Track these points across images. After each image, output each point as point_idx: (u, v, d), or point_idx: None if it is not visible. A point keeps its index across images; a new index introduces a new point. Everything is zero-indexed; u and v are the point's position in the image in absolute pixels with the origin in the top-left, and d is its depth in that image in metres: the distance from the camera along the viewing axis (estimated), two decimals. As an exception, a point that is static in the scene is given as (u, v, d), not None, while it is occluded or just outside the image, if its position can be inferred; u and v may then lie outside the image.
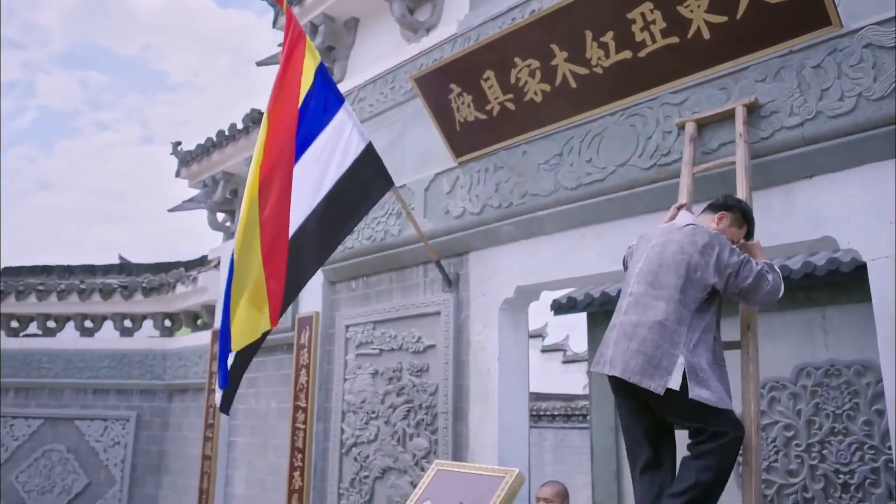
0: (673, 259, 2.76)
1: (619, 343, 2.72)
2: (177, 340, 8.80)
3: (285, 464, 6.12)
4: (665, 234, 2.90)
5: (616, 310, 2.92)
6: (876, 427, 5.45)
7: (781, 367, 5.99)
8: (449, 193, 4.93)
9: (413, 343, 5.10)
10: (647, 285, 2.78)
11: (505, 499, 3.90)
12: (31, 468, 8.90)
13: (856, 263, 5.62)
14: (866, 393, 5.55)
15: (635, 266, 2.92)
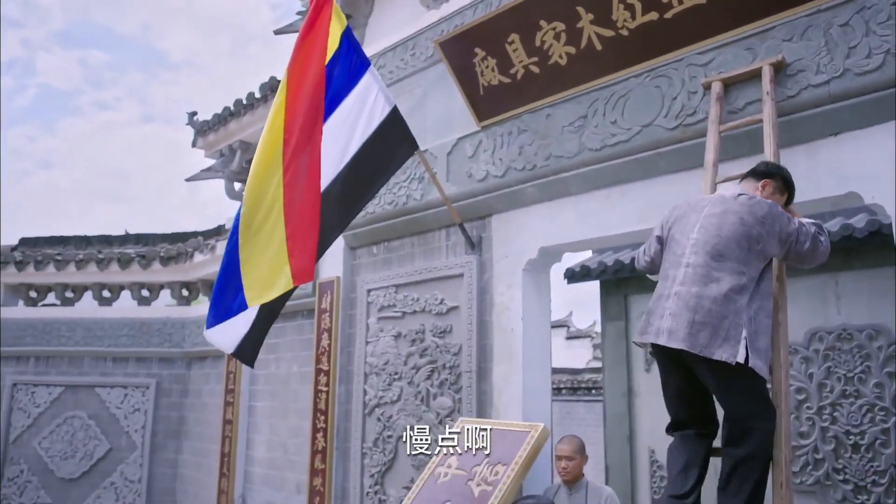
0: (733, 230, 2.76)
1: (681, 314, 2.70)
2: (195, 309, 8.93)
3: (308, 426, 6.27)
4: (720, 203, 2.89)
5: (663, 277, 2.91)
6: (887, 389, 5.55)
7: (794, 332, 6.04)
8: (472, 157, 5.00)
9: (436, 305, 5.20)
10: (706, 256, 2.76)
11: (531, 452, 4.02)
12: (53, 434, 9.09)
13: (870, 229, 5.69)
14: (878, 356, 5.63)
15: (688, 235, 2.88)
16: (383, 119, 4.45)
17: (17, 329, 9.34)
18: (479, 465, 4.06)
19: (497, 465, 3.97)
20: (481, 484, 3.94)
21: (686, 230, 2.91)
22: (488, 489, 3.88)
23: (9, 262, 9.41)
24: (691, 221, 2.91)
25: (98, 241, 9.58)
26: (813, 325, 6.02)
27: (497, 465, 3.98)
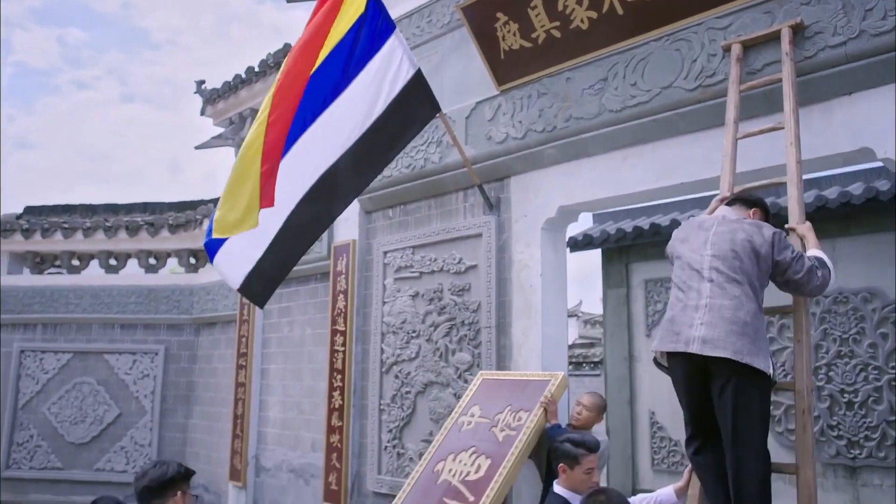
0: (743, 248, 2.93)
1: (717, 325, 2.82)
2: (203, 276, 9.04)
3: (324, 386, 6.44)
4: (727, 223, 3.06)
5: (684, 288, 3.04)
6: (880, 349, 5.80)
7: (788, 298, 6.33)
8: (491, 120, 5.15)
9: (454, 264, 5.37)
10: (728, 270, 2.92)
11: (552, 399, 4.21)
12: (62, 400, 9.22)
13: (867, 196, 5.92)
14: (872, 318, 5.88)
15: (701, 252, 3.03)
16: (407, 81, 4.58)
17: (23, 297, 9.42)
18: (501, 413, 4.24)
19: (519, 411, 4.15)
20: (504, 430, 4.11)
21: (698, 246, 3.07)
22: (512, 433, 4.06)
23: (15, 230, 9.46)
24: (701, 238, 3.08)
25: (104, 209, 9.65)
26: (811, 292, 6.26)
27: (519, 412, 4.16)
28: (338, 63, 4.52)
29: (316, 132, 4.50)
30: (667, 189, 4.30)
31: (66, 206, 9.77)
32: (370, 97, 4.51)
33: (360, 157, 4.52)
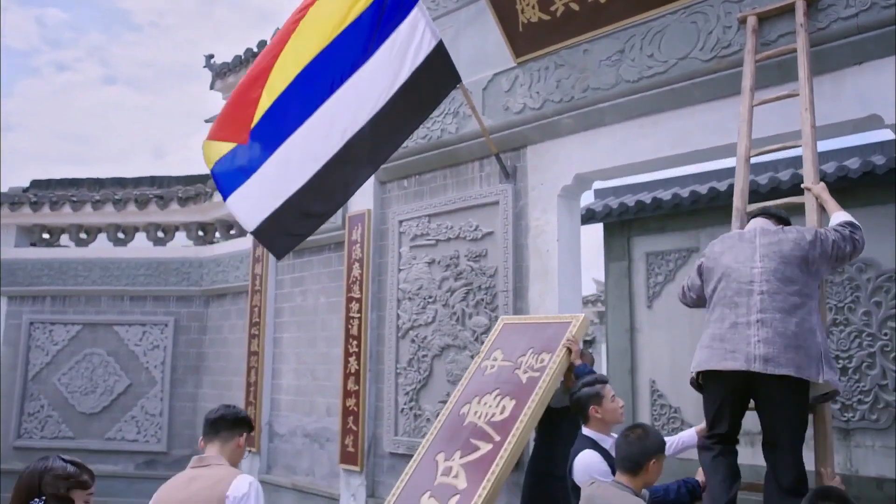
0: (793, 256, 2.98)
1: (775, 341, 2.85)
2: (213, 247, 9.18)
3: (338, 352, 6.63)
4: (770, 234, 3.12)
5: (730, 305, 3.06)
6: (874, 317, 6.06)
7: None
8: (508, 91, 5.31)
9: (471, 231, 5.56)
10: (778, 283, 2.95)
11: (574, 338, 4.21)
12: (72, 370, 9.35)
13: (864, 170, 6.15)
14: (867, 287, 6.13)
15: (749, 265, 3.05)
16: (429, 52, 4.73)
17: (32, 269, 9.52)
18: (524, 356, 4.34)
19: (542, 353, 4.23)
20: (528, 371, 4.19)
21: (744, 259, 3.08)
22: (535, 375, 4.14)
23: (23, 203, 9.52)
24: (746, 251, 3.10)
25: (111, 182, 9.73)
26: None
27: (542, 354, 4.25)
28: (362, 30, 4.65)
29: (344, 95, 4.64)
30: (682, 156, 4.49)
31: (72, 180, 9.83)
32: (395, 66, 4.66)
33: (385, 125, 4.67)
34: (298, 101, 4.63)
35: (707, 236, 7.48)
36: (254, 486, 2.65)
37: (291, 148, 4.65)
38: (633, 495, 2.74)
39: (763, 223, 3.23)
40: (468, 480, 3.81)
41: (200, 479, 2.69)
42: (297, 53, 4.63)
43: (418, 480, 4.09)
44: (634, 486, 2.77)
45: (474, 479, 3.79)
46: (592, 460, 3.16)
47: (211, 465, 2.74)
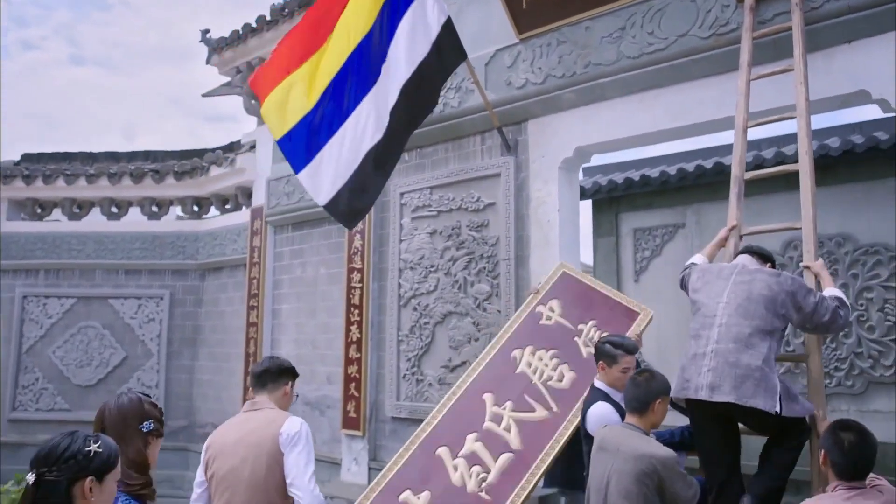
0: (761, 294, 3.09)
1: (722, 370, 2.99)
2: (210, 221, 9.26)
3: (338, 322, 6.81)
4: (746, 273, 3.25)
5: (695, 337, 3.22)
6: (850, 288, 6.36)
7: (772, 242, 6.83)
8: (511, 67, 5.49)
9: (472, 203, 5.75)
10: (738, 316, 3.08)
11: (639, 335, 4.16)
12: (67, 343, 9.40)
13: (844, 148, 6.44)
14: (844, 260, 6.43)
15: (716, 300, 3.20)
16: (440, 28, 4.88)
17: (24, 243, 9.52)
18: (584, 325, 4.26)
19: (603, 331, 4.16)
20: (589, 346, 4.10)
21: (714, 295, 3.24)
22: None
23: (15, 176, 9.51)
24: (718, 288, 3.24)
25: (104, 157, 9.73)
26: (788, 235, 6.80)
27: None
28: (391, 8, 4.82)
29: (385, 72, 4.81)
30: (680, 129, 4.72)
31: (64, 154, 9.82)
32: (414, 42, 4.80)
33: (410, 101, 4.80)
34: (354, 82, 4.83)
35: (693, 212, 7.76)
36: (304, 426, 2.94)
37: (348, 128, 4.82)
38: (642, 434, 2.99)
39: (746, 260, 3.37)
40: (523, 443, 3.77)
41: (254, 420, 2.96)
42: (349, 34, 4.81)
43: (464, 414, 3.98)
44: (643, 425, 3.02)
45: (531, 446, 3.74)
46: (605, 411, 3.38)
47: (263, 409, 3.02)
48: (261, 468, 2.87)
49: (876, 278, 6.30)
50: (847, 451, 2.45)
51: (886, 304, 6.17)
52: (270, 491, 2.87)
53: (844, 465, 2.45)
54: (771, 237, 6.70)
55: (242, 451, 2.91)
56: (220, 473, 2.96)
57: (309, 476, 2.85)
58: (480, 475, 3.71)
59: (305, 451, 2.89)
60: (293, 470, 2.84)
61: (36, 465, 1.70)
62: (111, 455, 1.80)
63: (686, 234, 7.81)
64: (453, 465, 3.77)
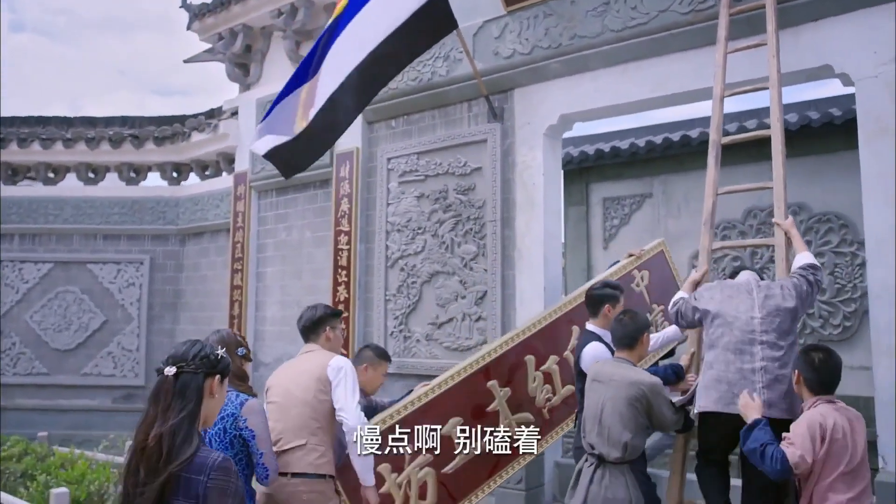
0: (787, 312, 3.32)
1: (773, 388, 3.19)
2: (191, 187, 9.34)
3: (325, 283, 7.06)
4: (764, 288, 3.45)
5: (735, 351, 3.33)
6: (806, 254, 6.88)
7: (734, 211, 7.34)
8: (498, 38, 5.76)
9: (459, 167, 6.04)
10: (775, 333, 3.28)
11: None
12: (44, 308, 9.43)
13: (801, 123, 6.91)
14: (800, 228, 6.94)
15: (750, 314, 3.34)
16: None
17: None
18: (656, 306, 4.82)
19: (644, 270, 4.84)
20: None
21: (745, 310, 3.37)
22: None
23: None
24: (747, 303, 3.39)
25: (80, 121, 9.69)
26: (749, 204, 7.29)
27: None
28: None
29: (349, 34, 5.00)
30: (660, 99, 5.07)
31: (38, 118, 9.73)
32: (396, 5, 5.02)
33: (380, 62, 5.04)
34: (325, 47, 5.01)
35: (660, 183, 8.21)
36: (348, 363, 3.42)
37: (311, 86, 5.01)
38: (632, 365, 3.37)
39: (752, 276, 3.57)
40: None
41: (308, 361, 3.46)
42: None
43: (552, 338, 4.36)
44: (632, 358, 3.43)
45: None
46: (599, 350, 3.74)
47: (315, 352, 3.51)
48: (310, 391, 3.31)
49: (828, 244, 6.84)
50: (817, 367, 2.87)
51: (836, 269, 6.71)
52: (318, 411, 3.30)
53: (816, 379, 2.87)
54: (734, 206, 7.19)
55: (296, 379, 3.37)
56: (277, 399, 3.39)
57: (355, 403, 3.28)
58: (548, 395, 4.27)
59: (350, 382, 3.31)
60: (341, 398, 3.27)
61: (174, 361, 2.03)
62: (229, 363, 2.17)
63: (653, 203, 8.27)
64: (533, 376, 4.26)
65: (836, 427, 2.74)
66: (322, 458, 3.28)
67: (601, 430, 3.29)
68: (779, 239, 3.83)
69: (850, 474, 2.70)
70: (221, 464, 1.96)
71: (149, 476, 1.91)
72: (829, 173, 6.82)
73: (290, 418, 3.30)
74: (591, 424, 3.35)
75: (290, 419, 3.30)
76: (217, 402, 2.10)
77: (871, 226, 4.13)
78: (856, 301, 6.54)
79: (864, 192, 4.19)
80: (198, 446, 1.96)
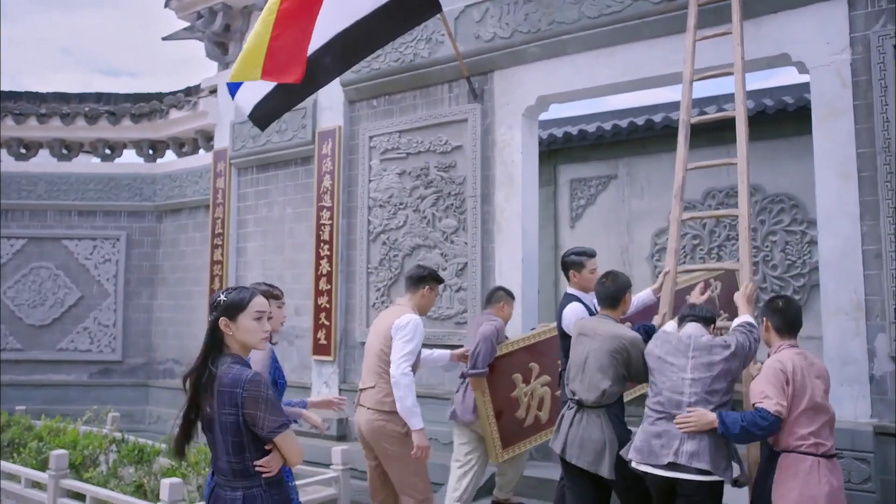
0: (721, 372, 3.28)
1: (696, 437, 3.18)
2: (168, 164, 9.42)
3: (308, 257, 7.29)
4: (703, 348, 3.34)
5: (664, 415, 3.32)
6: (759, 232, 7.36)
7: (694, 192, 7.78)
8: (479, 22, 6.06)
9: (441, 145, 6.33)
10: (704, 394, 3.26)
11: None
12: (18, 284, 9.43)
13: (757, 109, 7.37)
14: (754, 208, 7.42)
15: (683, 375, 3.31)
16: None
17: (-32, 183, 9.40)
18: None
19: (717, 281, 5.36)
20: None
21: (677, 369, 3.33)
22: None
23: (-42, 116, 9.33)
24: (681, 361, 3.34)
25: (54, 97, 9.65)
26: (709, 185, 7.75)
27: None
28: None
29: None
30: (632, 82, 5.43)
31: (10, 93, 9.66)
32: None
33: (363, 33, 5.20)
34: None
35: (625, 165, 8.63)
36: (414, 321, 4.02)
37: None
38: (614, 322, 3.74)
39: (695, 330, 3.46)
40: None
41: (387, 315, 4.19)
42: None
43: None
44: (615, 315, 3.79)
45: None
46: (577, 309, 4.09)
47: (397, 306, 4.24)
48: (379, 344, 4.06)
49: (780, 224, 7.33)
50: (782, 309, 3.29)
51: (787, 246, 7.21)
52: (383, 360, 4.01)
53: (781, 320, 3.28)
54: (694, 187, 7.63)
55: (375, 329, 4.20)
56: (366, 346, 4.26)
57: (400, 357, 3.90)
58: None
59: (405, 339, 3.93)
60: (392, 351, 3.94)
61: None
62: (234, 302, 2.46)
63: (618, 184, 8.68)
64: None
65: (796, 369, 3.11)
66: (387, 398, 3.97)
67: (583, 378, 3.64)
68: (742, 209, 4.22)
69: (812, 410, 3.08)
70: (252, 378, 2.36)
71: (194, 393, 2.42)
72: (782, 157, 7.30)
73: (367, 364, 4.16)
74: (575, 373, 3.71)
75: (366, 365, 4.16)
76: (238, 334, 2.45)
77: (822, 198, 4.56)
78: (804, 276, 7.03)
79: (817, 168, 4.62)
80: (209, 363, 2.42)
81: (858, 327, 4.36)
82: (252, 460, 2.39)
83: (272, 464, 2.41)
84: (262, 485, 2.41)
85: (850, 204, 4.45)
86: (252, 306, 2.45)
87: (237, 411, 2.34)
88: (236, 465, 2.39)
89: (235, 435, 2.36)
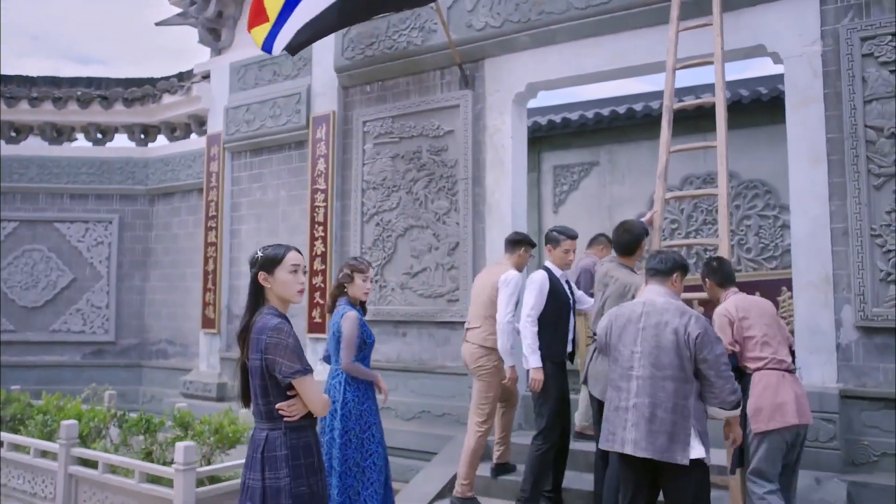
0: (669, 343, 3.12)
1: (640, 425, 3.08)
2: (161, 148, 9.54)
3: (302, 239, 7.49)
4: (655, 314, 3.21)
5: (615, 388, 3.26)
6: (734, 216, 7.71)
7: (673, 177, 8.10)
8: (471, 11, 6.30)
9: (433, 130, 6.58)
10: (653, 367, 3.12)
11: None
12: (10, 266, 9.53)
13: (734, 100, 7.70)
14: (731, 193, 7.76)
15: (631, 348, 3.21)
16: None
17: (-41, 166, 9.45)
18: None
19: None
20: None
21: (628, 342, 3.23)
22: None
23: (-51, 98, 9.37)
24: (630, 334, 3.23)
25: (44, 81, 9.70)
26: (687, 171, 8.08)
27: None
28: None
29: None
30: (617, 71, 5.72)
31: (1, 77, 9.67)
32: None
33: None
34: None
35: (606, 152, 8.94)
36: (516, 277, 4.75)
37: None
38: (630, 270, 4.20)
39: (652, 292, 3.33)
40: None
41: (493, 272, 4.96)
42: None
43: None
44: (630, 263, 4.28)
45: None
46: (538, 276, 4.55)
47: (501, 265, 4.98)
48: (486, 293, 4.86)
49: (753, 209, 7.69)
50: (717, 268, 3.99)
51: (761, 230, 7.57)
52: (487, 306, 4.82)
53: (721, 277, 3.95)
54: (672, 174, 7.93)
55: (482, 281, 5.01)
56: (472, 293, 5.09)
57: (505, 308, 4.65)
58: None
59: (508, 293, 4.66)
60: (499, 303, 4.69)
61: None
62: (270, 257, 2.68)
63: (600, 171, 8.99)
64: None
65: (739, 309, 3.80)
66: (490, 336, 4.80)
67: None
68: (721, 189, 4.53)
69: (765, 338, 3.77)
70: (277, 325, 2.55)
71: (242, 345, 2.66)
72: (756, 145, 7.65)
73: (473, 310, 4.98)
74: (597, 316, 4.19)
75: (472, 310, 4.98)
76: (276, 287, 2.66)
77: (795, 180, 4.89)
78: (777, 258, 7.39)
79: (790, 152, 4.94)
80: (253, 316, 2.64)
81: (826, 300, 4.70)
82: (275, 404, 2.57)
83: (293, 409, 2.57)
84: (283, 428, 2.58)
85: (819, 185, 4.78)
86: (287, 259, 2.66)
87: (261, 356, 2.54)
88: (263, 408, 2.60)
89: (261, 379, 2.57)
